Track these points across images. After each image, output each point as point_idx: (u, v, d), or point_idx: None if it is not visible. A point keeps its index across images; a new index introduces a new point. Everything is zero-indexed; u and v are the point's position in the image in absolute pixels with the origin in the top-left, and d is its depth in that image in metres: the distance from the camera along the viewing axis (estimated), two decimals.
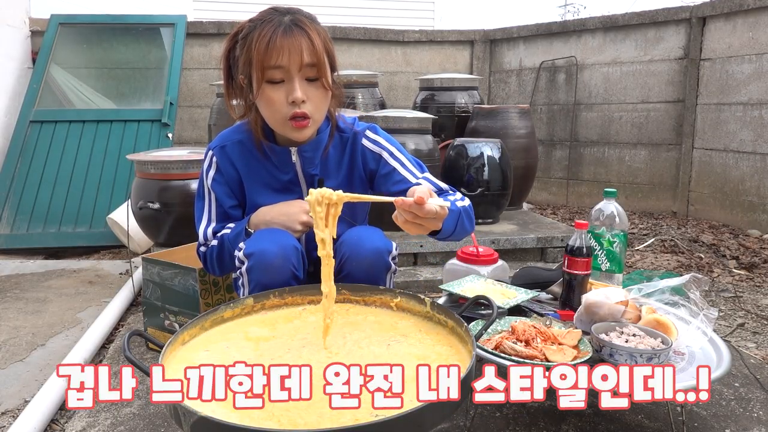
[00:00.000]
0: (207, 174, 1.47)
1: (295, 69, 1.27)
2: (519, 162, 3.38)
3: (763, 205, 3.59)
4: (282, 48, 1.24)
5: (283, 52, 1.24)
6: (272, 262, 1.30)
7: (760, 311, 2.32)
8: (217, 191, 1.47)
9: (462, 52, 5.06)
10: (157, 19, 4.38)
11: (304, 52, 1.25)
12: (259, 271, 1.30)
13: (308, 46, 1.26)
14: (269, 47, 1.24)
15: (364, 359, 1.07)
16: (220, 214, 1.49)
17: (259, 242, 1.32)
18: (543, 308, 1.60)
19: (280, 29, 1.25)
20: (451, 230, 1.31)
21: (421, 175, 1.45)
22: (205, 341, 1.16)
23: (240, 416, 0.89)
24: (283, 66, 1.26)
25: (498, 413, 1.52)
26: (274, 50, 1.24)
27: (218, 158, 1.45)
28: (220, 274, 1.51)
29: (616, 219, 1.79)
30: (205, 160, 1.48)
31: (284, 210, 1.41)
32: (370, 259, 1.34)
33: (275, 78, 1.28)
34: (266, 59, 1.25)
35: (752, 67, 3.62)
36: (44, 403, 1.51)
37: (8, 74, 4.03)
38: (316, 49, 1.27)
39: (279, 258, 1.30)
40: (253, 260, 1.31)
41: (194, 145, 4.63)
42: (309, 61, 1.27)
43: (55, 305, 2.41)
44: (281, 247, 1.32)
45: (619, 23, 4.31)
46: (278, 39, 1.24)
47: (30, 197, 3.52)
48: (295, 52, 1.25)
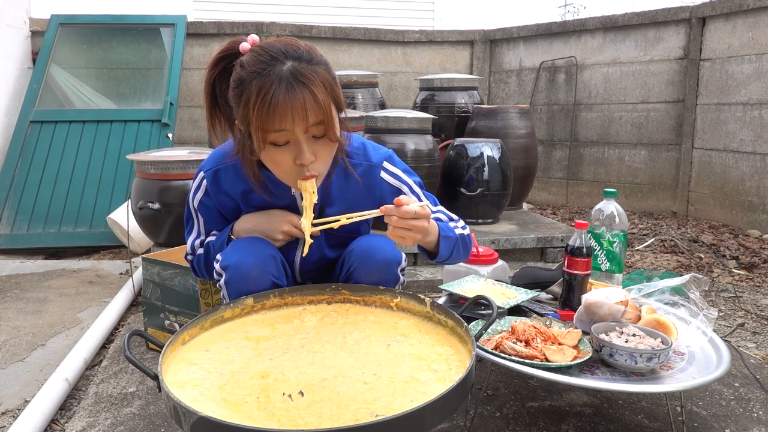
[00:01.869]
0: (195, 195, 1.41)
1: (301, 131, 1.14)
2: (519, 162, 3.38)
3: (763, 205, 3.59)
4: (285, 111, 1.10)
5: (286, 116, 1.11)
6: (249, 273, 1.26)
7: (760, 311, 2.32)
8: (204, 215, 1.42)
9: (462, 52, 5.06)
10: (157, 20, 4.38)
11: (308, 112, 1.12)
12: (237, 283, 1.27)
13: (312, 104, 1.12)
14: (271, 110, 1.10)
15: (363, 359, 1.07)
16: (208, 230, 1.47)
17: (235, 254, 1.28)
18: (543, 308, 1.60)
19: (281, 88, 1.10)
20: (447, 254, 1.33)
21: (435, 209, 1.41)
22: (205, 341, 1.16)
23: (240, 416, 0.89)
24: (286, 130, 1.14)
25: (498, 413, 1.52)
26: (277, 114, 1.10)
27: (209, 184, 1.38)
28: (209, 278, 1.48)
29: (616, 219, 1.79)
30: (195, 180, 1.41)
31: (266, 219, 1.35)
32: (380, 272, 1.31)
33: (279, 141, 1.16)
34: (268, 124, 1.12)
35: (752, 67, 3.62)
36: (44, 403, 1.51)
37: (8, 74, 4.03)
38: (321, 106, 1.13)
39: (256, 269, 1.26)
40: (230, 273, 1.27)
41: (194, 145, 4.63)
42: (315, 120, 1.14)
43: (55, 305, 2.41)
44: (257, 257, 1.27)
45: (619, 23, 4.31)
46: (280, 101, 1.10)
47: (30, 197, 3.52)
48: (299, 114, 1.11)
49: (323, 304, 1.32)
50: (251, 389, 0.97)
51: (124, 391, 1.66)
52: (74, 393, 1.69)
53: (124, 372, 1.78)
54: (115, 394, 1.64)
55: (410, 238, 1.19)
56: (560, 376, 1.23)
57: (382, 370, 1.03)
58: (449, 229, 1.34)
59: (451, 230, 1.35)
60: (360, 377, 1.01)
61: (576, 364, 1.28)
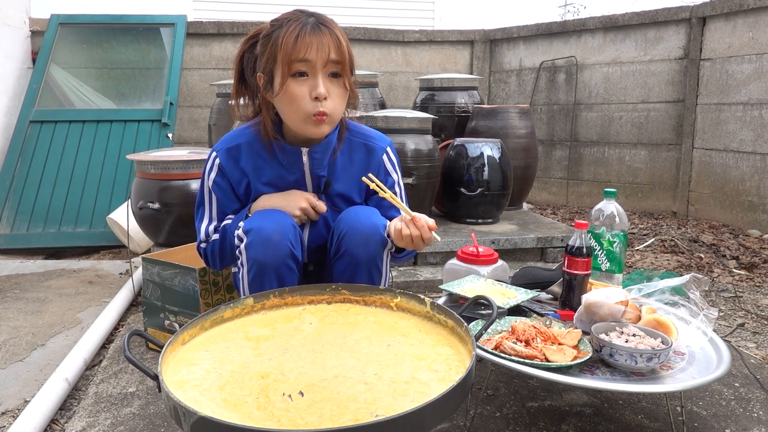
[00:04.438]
0: (208, 176, 1.48)
1: (321, 64, 1.30)
2: (519, 162, 3.38)
3: (763, 205, 3.59)
4: (311, 43, 1.28)
5: (311, 47, 1.28)
6: (270, 236, 1.32)
7: (760, 311, 2.32)
8: (218, 194, 1.47)
9: (462, 52, 5.06)
10: (157, 19, 4.38)
11: (331, 48, 1.30)
12: (258, 246, 1.32)
13: (335, 43, 1.30)
14: (297, 41, 1.28)
15: (364, 359, 1.07)
16: (221, 213, 1.50)
17: (257, 220, 1.36)
18: (543, 308, 1.60)
19: (308, 27, 1.29)
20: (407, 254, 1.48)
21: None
22: (205, 341, 1.16)
23: (240, 416, 0.89)
24: (309, 60, 1.29)
25: (498, 413, 1.52)
26: (303, 44, 1.28)
27: (222, 160, 1.45)
28: (220, 267, 1.51)
29: (616, 219, 1.79)
30: (208, 162, 1.49)
31: (285, 197, 1.44)
32: (367, 233, 1.36)
33: (300, 70, 1.31)
34: (294, 53, 1.28)
35: (752, 67, 3.62)
36: (44, 403, 1.51)
37: (8, 74, 4.03)
38: (341, 48, 1.31)
39: (277, 234, 1.33)
40: (252, 236, 1.33)
41: (194, 145, 4.64)
42: (335, 57, 1.31)
43: (55, 305, 2.41)
44: (279, 224, 1.35)
45: (619, 23, 4.31)
46: (307, 35, 1.28)
47: (30, 197, 3.52)
48: (323, 47, 1.29)
49: (323, 304, 1.32)
50: (251, 389, 0.97)
51: (124, 391, 1.66)
52: (74, 393, 1.69)
53: (124, 372, 1.78)
54: (115, 394, 1.64)
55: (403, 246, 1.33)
56: (560, 376, 1.23)
57: (382, 371, 1.03)
58: None
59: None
60: (360, 377, 1.01)
61: (576, 364, 1.28)
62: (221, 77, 4.50)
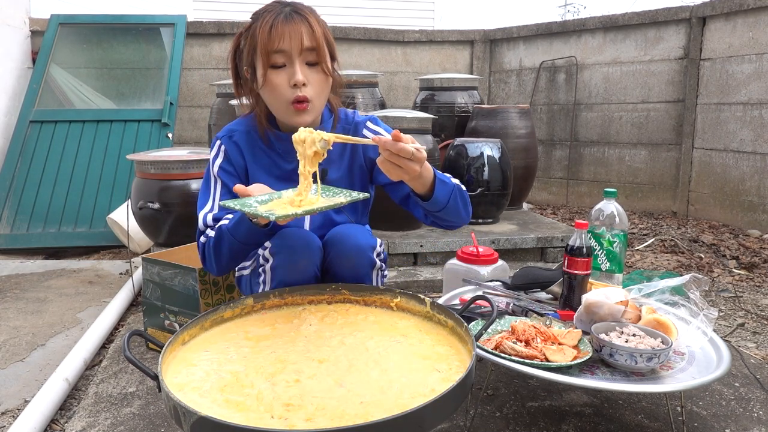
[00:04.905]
0: (214, 162, 1.49)
1: (296, 52, 1.32)
2: (519, 162, 3.38)
3: (763, 205, 3.59)
4: (283, 33, 1.31)
5: (284, 37, 1.31)
6: (298, 262, 1.33)
7: (760, 311, 2.32)
8: (224, 178, 1.48)
9: (462, 52, 5.06)
10: (157, 19, 4.38)
11: (304, 36, 1.32)
12: (285, 268, 1.33)
13: (308, 31, 1.33)
14: (271, 33, 1.31)
15: (363, 359, 1.07)
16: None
17: (286, 242, 1.34)
18: (543, 308, 1.60)
19: (281, 16, 1.32)
20: (444, 202, 1.31)
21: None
22: (205, 341, 1.16)
23: (240, 416, 0.89)
24: (284, 50, 1.32)
25: (498, 413, 1.52)
26: (276, 35, 1.31)
27: (226, 146, 1.47)
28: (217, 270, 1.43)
29: (616, 219, 1.79)
30: (213, 149, 1.51)
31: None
32: (354, 257, 1.36)
33: (278, 62, 1.33)
34: (269, 44, 1.31)
35: (752, 67, 3.62)
36: (44, 403, 1.51)
37: (8, 74, 4.03)
38: (315, 34, 1.33)
39: (305, 259, 1.34)
40: (279, 259, 1.33)
41: (194, 145, 4.63)
42: (309, 45, 1.33)
43: (55, 305, 2.41)
44: (308, 250, 1.35)
45: (619, 23, 4.31)
46: (280, 25, 1.31)
47: (30, 197, 3.52)
48: (296, 36, 1.31)
49: (323, 304, 1.32)
50: (251, 389, 0.97)
51: (124, 391, 1.65)
52: (74, 393, 1.69)
53: (124, 372, 1.77)
54: (115, 394, 1.64)
55: (396, 175, 1.19)
56: (560, 376, 1.23)
57: (381, 370, 1.03)
58: (446, 177, 1.34)
59: (447, 178, 1.35)
60: (360, 377, 1.01)
61: (576, 364, 1.28)
62: (221, 77, 4.50)
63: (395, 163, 1.16)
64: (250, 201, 1.22)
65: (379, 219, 2.74)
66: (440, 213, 1.34)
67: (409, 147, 1.14)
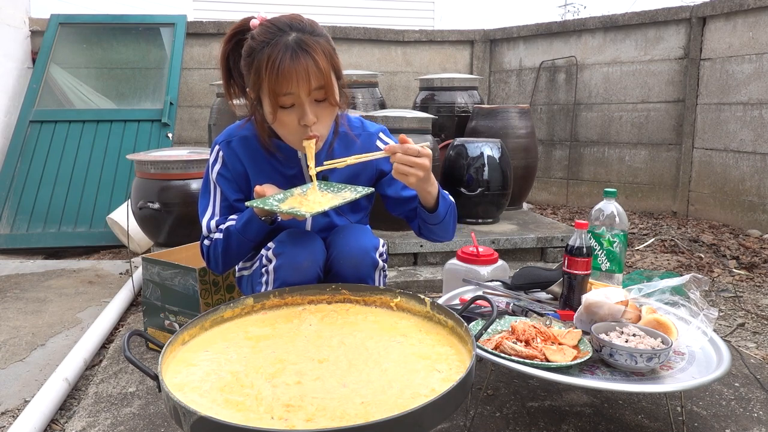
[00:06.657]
0: (212, 168, 1.48)
1: (305, 94, 1.29)
2: (519, 162, 3.38)
3: (763, 205, 3.59)
4: (290, 75, 1.25)
5: (291, 80, 1.26)
6: (301, 264, 1.34)
7: (760, 311, 2.32)
8: (222, 185, 1.48)
9: (462, 52, 5.06)
10: (157, 19, 4.38)
11: (311, 76, 1.27)
12: (287, 269, 1.34)
13: (314, 69, 1.27)
14: (279, 75, 1.25)
15: (363, 359, 1.07)
16: (224, 207, 1.49)
17: (289, 242, 1.36)
18: (543, 308, 1.60)
19: (287, 55, 1.25)
20: (443, 216, 1.42)
21: None
22: (205, 341, 1.16)
23: (240, 416, 0.89)
24: (292, 93, 1.28)
25: (498, 413, 1.52)
26: (284, 79, 1.25)
27: (224, 152, 1.47)
28: (222, 269, 1.48)
29: (616, 219, 1.79)
30: (212, 154, 1.50)
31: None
32: (357, 258, 1.37)
33: (286, 104, 1.30)
34: (277, 87, 1.27)
35: (752, 66, 3.62)
36: (44, 403, 1.51)
37: (8, 74, 4.03)
38: (322, 72, 1.28)
39: (308, 261, 1.35)
40: (282, 259, 1.34)
41: (194, 145, 4.63)
42: (316, 84, 1.28)
43: (55, 305, 2.41)
44: (311, 250, 1.36)
45: (619, 23, 4.31)
46: (287, 66, 1.25)
47: (30, 197, 3.52)
48: (303, 77, 1.26)
49: (323, 304, 1.32)
50: (251, 389, 0.97)
51: (124, 391, 1.65)
52: (74, 393, 1.69)
53: (124, 372, 1.77)
54: (115, 394, 1.64)
55: (413, 176, 1.27)
56: (560, 376, 1.23)
57: (381, 370, 1.03)
58: (446, 193, 1.45)
59: (447, 195, 1.46)
60: (360, 377, 1.01)
61: (576, 364, 1.28)
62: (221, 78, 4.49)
63: (406, 164, 1.25)
64: (270, 200, 1.30)
65: (379, 219, 2.74)
66: (436, 227, 1.45)
67: (414, 145, 1.25)
